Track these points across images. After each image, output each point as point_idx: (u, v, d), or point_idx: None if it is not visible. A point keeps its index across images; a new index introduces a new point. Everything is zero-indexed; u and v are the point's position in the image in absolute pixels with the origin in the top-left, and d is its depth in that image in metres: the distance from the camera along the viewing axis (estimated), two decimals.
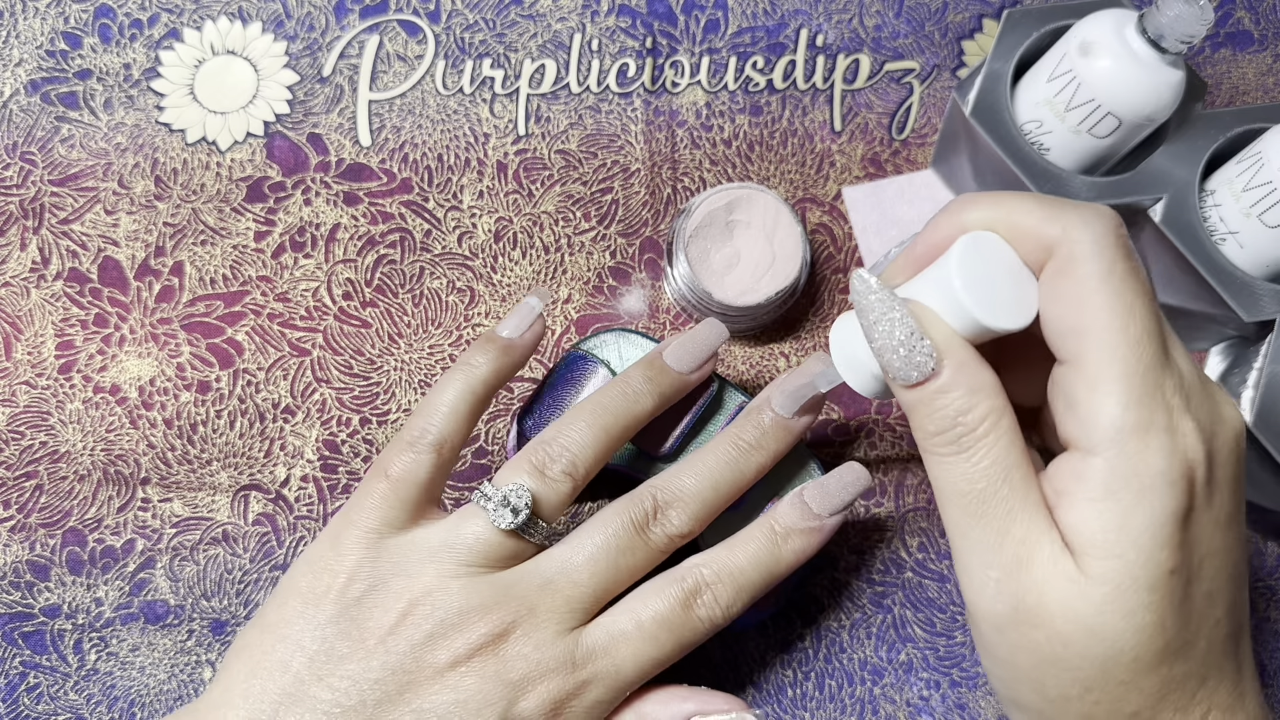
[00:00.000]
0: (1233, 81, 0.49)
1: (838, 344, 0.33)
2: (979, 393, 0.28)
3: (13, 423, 0.44)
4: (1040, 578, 0.28)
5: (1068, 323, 0.28)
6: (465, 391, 0.36)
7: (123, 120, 0.46)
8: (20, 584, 0.43)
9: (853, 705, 0.43)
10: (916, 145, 0.48)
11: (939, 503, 0.29)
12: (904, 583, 0.44)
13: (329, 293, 0.45)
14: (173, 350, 0.45)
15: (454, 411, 0.36)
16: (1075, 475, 0.28)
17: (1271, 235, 0.40)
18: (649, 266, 0.46)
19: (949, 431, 0.28)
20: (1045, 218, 0.28)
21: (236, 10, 0.47)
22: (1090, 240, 0.27)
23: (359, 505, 0.35)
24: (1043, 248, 0.28)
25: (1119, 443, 0.27)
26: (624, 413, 0.37)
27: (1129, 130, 0.40)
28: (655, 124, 0.47)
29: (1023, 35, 0.42)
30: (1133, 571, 0.27)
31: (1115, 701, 0.28)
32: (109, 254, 0.45)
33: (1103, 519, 0.27)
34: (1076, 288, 0.27)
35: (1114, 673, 0.28)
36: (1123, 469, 0.27)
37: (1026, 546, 0.28)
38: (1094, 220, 0.28)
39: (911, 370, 0.28)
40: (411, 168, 0.46)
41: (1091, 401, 0.27)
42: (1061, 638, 0.28)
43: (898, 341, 0.28)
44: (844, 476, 0.37)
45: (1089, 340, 0.27)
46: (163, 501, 0.43)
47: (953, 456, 0.28)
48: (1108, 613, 0.27)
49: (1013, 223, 0.29)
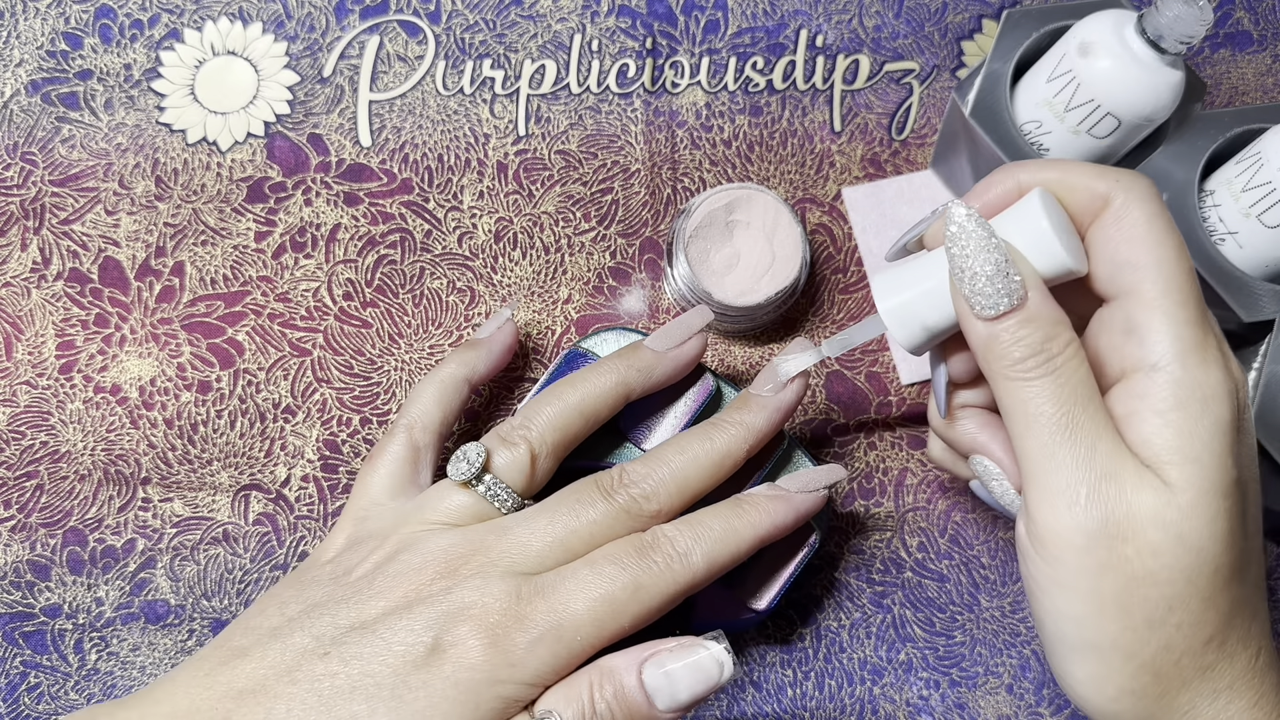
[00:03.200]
0: (1232, 82, 0.49)
1: (886, 294, 0.33)
2: (1061, 323, 0.30)
3: (13, 423, 0.44)
4: (1130, 488, 0.29)
5: (1126, 257, 0.30)
6: (434, 380, 0.40)
7: (123, 121, 0.46)
8: (21, 584, 0.43)
9: (852, 705, 0.43)
10: (916, 146, 0.48)
11: (1018, 432, 0.30)
12: (904, 582, 0.44)
13: (329, 293, 0.45)
14: (173, 350, 0.45)
15: (419, 395, 0.40)
16: (1139, 394, 0.29)
17: (1270, 235, 0.40)
18: (649, 267, 0.46)
19: (1037, 355, 0.29)
20: (1095, 174, 0.31)
21: (237, 11, 0.48)
22: (1142, 190, 0.30)
23: (350, 497, 0.38)
24: (1095, 198, 0.30)
25: (1182, 357, 0.29)
26: (590, 387, 0.38)
27: (1128, 130, 0.40)
28: (655, 124, 0.47)
29: (1022, 36, 0.42)
30: (1209, 476, 0.28)
31: (1195, 623, 0.29)
32: (110, 254, 0.45)
33: (1173, 427, 0.29)
34: (1134, 228, 0.30)
35: (1198, 586, 0.29)
36: (1188, 381, 0.29)
37: (1114, 460, 0.29)
38: (1140, 177, 0.31)
39: (1003, 299, 0.29)
40: (412, 168, 0.46)
41: (1152, 322, 0.29)
42: (1152, 548, 0.28)
43: (993, 270, 0.29)
44: (820, 471, 0.38)
45: (1147, 272, 0.29)
46: (163, 501, 0.43)
47: (1041, 380, 0.29)
48: (1194, 518, 0.28)
49: (1068, 180, 0.31)
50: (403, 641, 0.32)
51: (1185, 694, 0.29)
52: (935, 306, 0.32)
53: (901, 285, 0.33)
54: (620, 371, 0.38)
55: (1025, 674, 0.44)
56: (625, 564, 0.33)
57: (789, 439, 0.41)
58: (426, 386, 0.40)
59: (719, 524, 0.35)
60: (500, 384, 0.45)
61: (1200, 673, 0.29)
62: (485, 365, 0.41)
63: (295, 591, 0.34)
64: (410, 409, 0.39)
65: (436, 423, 0.39)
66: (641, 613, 0.33)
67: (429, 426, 0.39)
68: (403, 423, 0.39)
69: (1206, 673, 0.29)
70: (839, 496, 0.45)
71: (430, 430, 0.39)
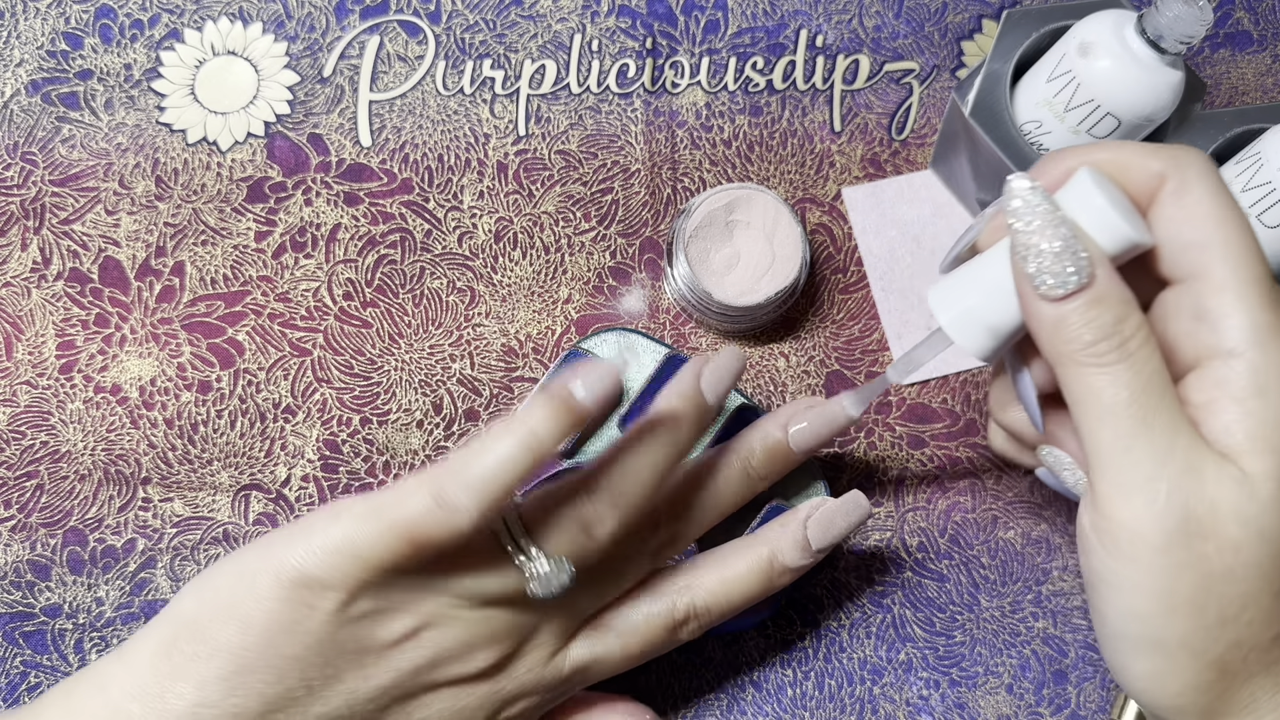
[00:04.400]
0: (1232, 82, 0.49)
1: (946, 302, 0.32)
2: (1131, 303, 0.28)
3: (14, 422, 0.44)
4: (1211, 482, 0.27)
5: (1188, 237, 0.28)
6: (525, 460, 0.30)
7: (123, 120, 0.46)
8: (21, 584, 0.43)
9: (852, 705, 0.43)
10: (916, 146, 0.48)
11: (1087, 422, 0.28)
12: (904, 582, 0.44)
13: (329, 293, 0.45)
14: (173, 350, 0.45)
15: (505, 484, 0.30)
16: (1216, 382, 0.28)
17: (1271, 235, 0.40)
18: (649, 266, 0.46)
19: (1110, 339, 0.28)
20: (1148, 153, 0.29)
21: (237, 11, 0.48)
22: (1198, 166, 0.28)
23: (366, 541, 0.30)
24: (1153, 177, 0.29)
25: (1261, 342, 0.27)
26: (675, 459, 0.35)
27: (1128, 131, 0.40)
28: (655, 124, 0.47)
29: (1022, 36, 0.42)
30: None
31: (1266, 620, 0.28)
32: (110, 254, 0.45)
33: (1255, 416, 0.27)
34: (1195, 206, 0.28)
35: (1272, 579, 0.27)
36: (1267, 365, 0.27)
37: (1194, 453, 0.27)
38: (1194, 151, 0.29)
39: (1070, 278, 0.28)
40: (412, 168, 0.47)
41: (1223, 305, 0.28)
42: (1232, 545, 0.27)
43: (1061, 245, 0.28)
44: (850, 513, 0.37)
45: (1213, 252, 0.28)
46: (163, 501, 0.43)
47: (1115, 364, 0.28)
48: (1274, 511, 0.27)
49: (1117, 159, 0.29)
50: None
51: (1248, 688, 0.28)
52: (999, 305, 0.30)
53: (960, 292, 0.31)
54: (697, 434, 0.36)
55: (1025, 674, 0.44)
56: (655, 646, 0.37)
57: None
58: (514, 451, 0.30)
59: (744, 603, 0.37)
60: (500, 384, 0.45)
61: (1265, 668, 0.28)
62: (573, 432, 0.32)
63: (306, 642, 0.31)
64: (489, 484, 0.30)
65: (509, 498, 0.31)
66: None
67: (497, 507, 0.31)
68: (476, 504, 0.30)
69: (1272, 667, 0.28)
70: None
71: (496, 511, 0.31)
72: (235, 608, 0.31)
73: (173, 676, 0.31)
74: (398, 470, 0.44)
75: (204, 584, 0.32)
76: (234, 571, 0.32)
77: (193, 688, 0.30)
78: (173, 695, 0.30)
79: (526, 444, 0.30)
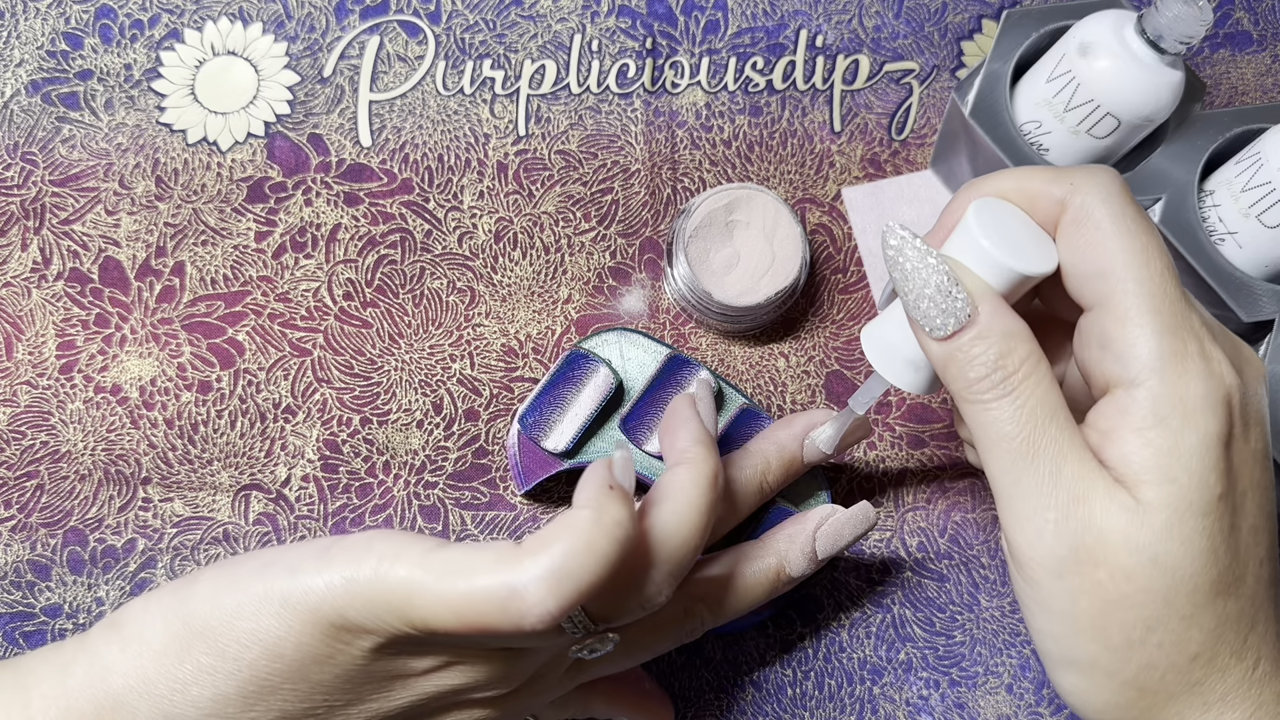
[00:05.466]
0: (1231, 82, 0.49)
1: (873, 342, 0.33)
2: (1016, 336, 0.28)
3: (14, 423, 0.44)
4: (1099, 512, 0.28)
5: (1091, 267, 0.28)
6: (611, 564, 0.28)
7: (124, 121, 0.46)
8: (21, 584, 0.43)
9: (852, 705, 0.43)
10: (916, 146, 0.48)
11: (983, 454, 0.29)
12: (903, 582, 0.44)
13: (329, 293, 0.45)
14: (174, 350, 0.45)
15: (587, 588, 0.28)
16: (1119, 410, 0.28)
17: (1270, 235, 0.40)
18: (649, 266, 0.46)
19: (992, 375, 0.28)
20: (1051, 178, 0.29)
21: (237, 11, 0.48)
22: (1099, 189, 0.29)
23: (420, 608, 0.28)
24: (1055, 203, 0.29)
25: (1159, 370, 0.27)
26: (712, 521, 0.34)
27: (1128, 131, 0.40)
28: (655, 124, 0.47)
29: (1022, 36, 0.42)
30: (1187, 495, 0.27)
31: (1178, 642, 0.28)
32: (110, 254, 0.45)
33: (1152, 446, 0.27)
34: (1094, 232, 0.28)
35: (1176, 605, 0.28)
36: (1167, 395, 0.27)
37: (1081, 483, 0.28)
38: (1098, 173, 0.29)
39: (949, 318, 0.28)
40: (412, 168, 0.47)
41: (1126, 335, 0.28)
42: (1124, 572, 0.28)
43: (934, 289, 0.28)
44: (857, 525, 0.38)
45: (1114, 280, 0.28)
46: (164, 501, 0.43)
47: (998, 401, 0.28)
48: (1167, 539, 0.27)
49: (1022, 188, 0.30)
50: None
51: (1173, 706, 0.29)
52: (908, 338, 0.31)
53: (883, 329, 0.32)
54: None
55: (1025, 674, 0.44)
56: (658, 652, 0.37)
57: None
58: (609, 551, 0.28)
59: (748, 608, 0.38)
60: (500, 384, 0.45)
61: (1188, 688, 0.28)
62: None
63: (335, 675, 0.30)
64: (576, 589, 0.28)
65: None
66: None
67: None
68: (558, 610, 0.28)
69: (1195, 688, 0.28)
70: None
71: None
72: (263, 634, 0.29)
73: (187, 683, 0.30)
74: (398, 470, 0.44)
75: (223, 590, 0.30)
76: (261, 592, 0.30)
77: (209, 698, 0.30)
78: (185, 701, 0.30)
79: (619, 540, 0.28)
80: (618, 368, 0.42)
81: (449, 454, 0.44)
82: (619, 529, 0.28)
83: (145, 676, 0.30)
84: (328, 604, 0.29)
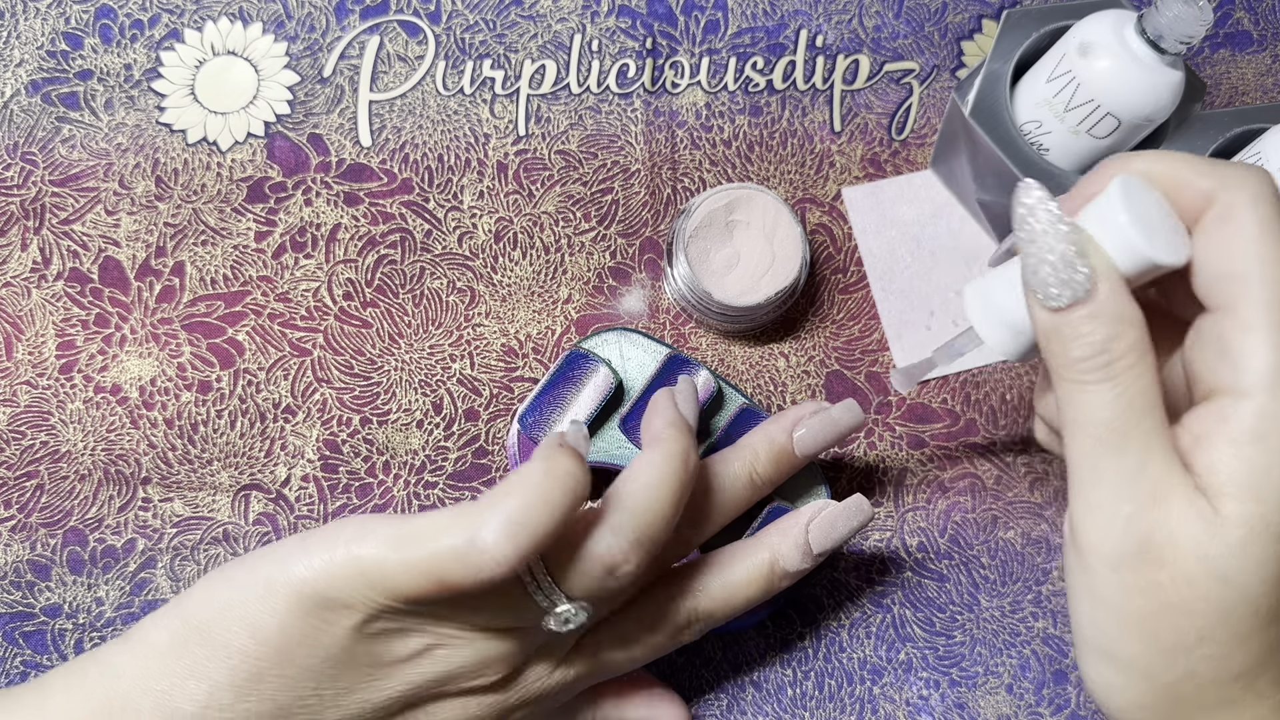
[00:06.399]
0: (1232, 82, 0.49)
1: (976, 296, 0.32)
2: (1129, 321, 0.28)
3: (14, 422, 0.44)
4: (1176, 514, 0.27)
5: (1225, 268, 0.28)
6: (566, 511, 0.30)
7: (123, 121, 0.46)
8: (21, 584, 0.43)
9: (852, 705, 0.43)
10: (916, 146, 0.48)
11: (1066, 434, 0.29)
12: (903, 582, 0.44)
13: (329, 293, 0.45)
14: (173, 350, 0.45)
15: (545, 534, 0.29)
16: (1220, 418, 0.27)
17: None
18: (649, 266, 0.46)
19: (1097, 357, 0.27)
20: (1203, 170, 0.28)
21: (237, 11, 0.48)
22: (1251, 191, 0.27)
23: (391, 575, 0.30)
24: (1200, 196, 0.28)
25: (1272, 386, 0.27)
26: (687, 492, 0.35)
27: (1128, 131, 0.40)
28: (655, 124, 0.47)
29: (1022, 36, 0.42)
30: (1270, 518, 0.26)
31: (1225, 657, 0.27)
32: (110, 254, 0.45)
33: (1246, 460, 0.27)
34: (1237, 234, 0.27)
35: (1232, 623, 0.27)
36: (1274, 412, 0.26)
37: (1164, 483, 0.27)
38: (1253, 173, 0.28)
39: (1066, 289, 0.27)
40: (412, 168, 0.47)
41: (1246, 344, 0.27)
42: (1187, 578, 0.27)
43: (1058, 258, 0.27)
44: (852, 517, 0.38)
45: (1246, 286, 0.27)
46: (163, 501, 0.43)
47: (1097, 384, 0.28)
48: (1240, 557, 0.27)
49: (1172, 173, 0.29)
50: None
51: (1201, 717, 0.28)
52: (1017, 301, 0.30)
53: (990, 288, 0.31)
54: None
55: (1025, 674, 0.44)
56: (657, 651, 0.37)
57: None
58: (559, 499, 0.30)
59: (745, 606, 0.38)
60: (500, 384, 0.45)
61: (1222, 704, 0.28)
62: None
63: (322, 656, 0.31)
64: (531, 533, 0.29)
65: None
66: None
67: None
68: (515, 554, 0.29)
69: (1228, 706, 0.28)
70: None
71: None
72: (249, 618, 0.31)
73: (184, 677, 0.31)
74: (398, 470, 0.44)
75: (216, 586, 0.32)
76: (248, 580, 0.31)
77: (204, 690, 0.31)
78: (182, 695, 0.31)
79: (571, 490, 0.30)
80: (618, 368, 0.42)
81: (449, 454, 0.44)
82: (570, 478, 0.30)
83: (148, 673, 0.31)
84: (308, 585, 0.30)
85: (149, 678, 0.31)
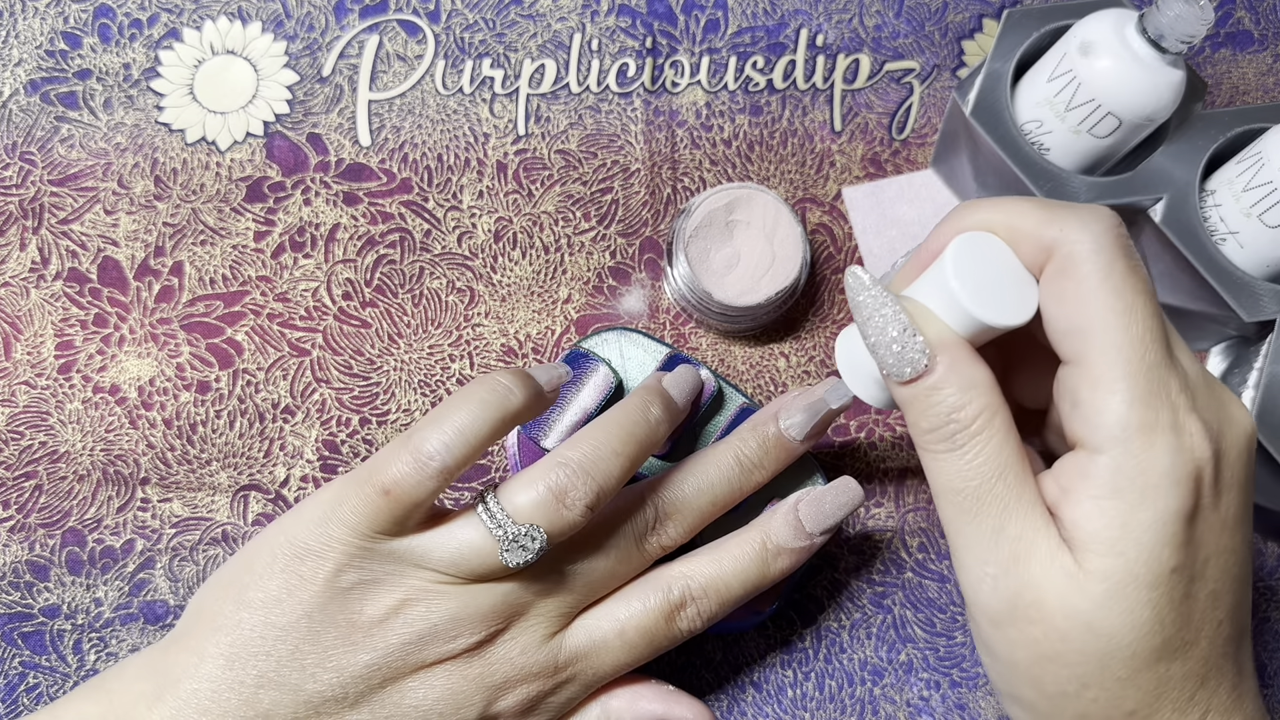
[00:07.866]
0: (1233, 81, 0.49)
1: (843, 353, 0.33)
2: (972, 389, 0.28)
3: (12, 423, 0.44)
4: (1038, 573, 0.28)
5: (1069, 322, 0.28)
6: (493, 419, 0.33)
7: (122, 120, 0.46)
8: (20, 584, 0.43)
9: (853, 705, 0.43)
10: (916, 145, 0.48)
11: (935, 500, 0.29)
12: (904, 583, 0.44)
13: (329, 293, 0.45)
14: (172, 350, 0.45)
15: (475, 438, 0.33)
16: (1080, 473, 0.28)
17: (1272, 235, 0.40)
18: (649, 266, 0.46)
19: (942, 428, 0.28)
20: (1043, 219, 0.28)
21: (236, 10, 0.47)
22: (1089, 240, 0.27)
23: (349, 503, 0.33)
24: (1042, 249, 0.28)
25: (1124, 441, 0.27)
26: (646, 440, 0.36)
27: (1129, 130, 0.40)
28: (655, 124, 0.47)
29: (1023, 35, 0.42)
30: (1133, 569, 0.27)
31: (1113, 699, 0.28)
32: (108, 254, 0.45)
33: (1106, 516, 0.27)
34: (1077, 287, 0.27)
35: (1111, 669, 0.28)
36: (1128, 467, 0.27)
37: (1023, 543, 0.28)
38: (1092, 221, 0.28)
39: (904, 366, 0.28)
40: (411, 168, 0.46)
41: (1095, 400, 0.27)
42: (1059, 633, 0.28)
43: (890, 338, 0.28)
44: (840, 495, 0.38)
45: (1091, 340, 0.27)
46: (162, 502, 0.43)
47: (946, 454, 0.28)
48: (1106, 609, 0.27)
49: (1011, 225, 0.29)
50: (449, 705, 0.33)
51: None
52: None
53: (854, 340, 0.32)
54: (669, 425, 0.38)
55: None
56: (654, 635, 0.36)
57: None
58: (484, 426, 0.33)
59: (743, 590, 0.37)
60: None
61: None
62: (530, 417, 0.35)
63: (298, 616, 0.32)
64: (458, 450, 0.32)
65: (471, 464, 0.34)
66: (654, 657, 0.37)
67: (465, 469, 0.33)
68: (439, 465, 0.32)
69: None
70: None
71: (464, 471, 0.33)
72: (234, 584, 0.33)
73: (180, 653, 0.33)
74: None
75: (217, 574, 0.35)
76: (238, 559, 0.34)
77: (194, 661, 0.33)
78: (178, 669, 0.33)
79: (496, 401, 0.33)
80: (618, 367, 0.42)
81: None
82: (500, 385, 0.33)
83: (152, 661, 0.34)
84: (282, 537, 0.33)
85: (150, 662, 0.34)
